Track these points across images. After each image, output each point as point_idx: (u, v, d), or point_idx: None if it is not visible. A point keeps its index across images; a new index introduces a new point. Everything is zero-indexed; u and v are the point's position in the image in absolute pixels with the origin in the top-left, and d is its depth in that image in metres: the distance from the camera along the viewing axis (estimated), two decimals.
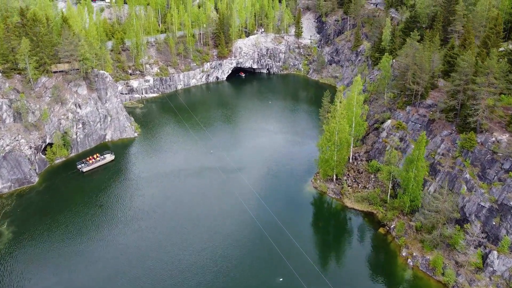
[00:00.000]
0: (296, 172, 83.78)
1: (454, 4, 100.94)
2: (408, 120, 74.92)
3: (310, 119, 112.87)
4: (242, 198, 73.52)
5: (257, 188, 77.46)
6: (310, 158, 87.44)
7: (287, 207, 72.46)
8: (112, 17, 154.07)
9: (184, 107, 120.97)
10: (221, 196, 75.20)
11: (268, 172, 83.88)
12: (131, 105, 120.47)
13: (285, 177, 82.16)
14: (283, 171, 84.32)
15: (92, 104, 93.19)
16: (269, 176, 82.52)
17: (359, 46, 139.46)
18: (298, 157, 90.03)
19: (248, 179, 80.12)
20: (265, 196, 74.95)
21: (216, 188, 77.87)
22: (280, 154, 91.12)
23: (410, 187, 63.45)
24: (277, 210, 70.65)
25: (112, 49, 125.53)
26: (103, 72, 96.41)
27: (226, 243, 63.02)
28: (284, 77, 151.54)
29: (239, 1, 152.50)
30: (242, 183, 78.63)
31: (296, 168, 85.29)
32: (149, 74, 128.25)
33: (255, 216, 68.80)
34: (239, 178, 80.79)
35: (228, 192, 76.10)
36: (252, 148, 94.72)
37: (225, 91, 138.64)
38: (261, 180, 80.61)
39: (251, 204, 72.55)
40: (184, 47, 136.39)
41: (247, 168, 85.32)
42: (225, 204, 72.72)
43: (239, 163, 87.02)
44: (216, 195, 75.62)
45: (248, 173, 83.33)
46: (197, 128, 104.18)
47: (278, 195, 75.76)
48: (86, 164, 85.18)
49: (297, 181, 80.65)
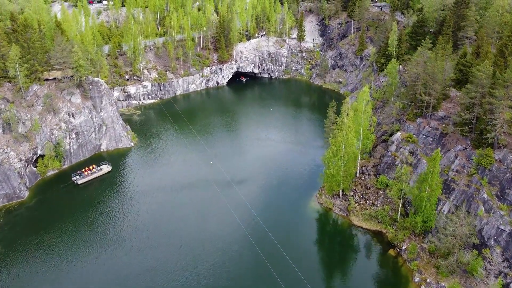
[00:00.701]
0: (300, 186, 79.63)
1: (464, 8, 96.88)
2: (419, 133, 70.74)
3: (314, 128, 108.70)
4: (239, 218, 68.62)
5: (257, 204, 73.23)
6: (314, 170, 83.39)
7: (289, 225, 68.19)
8: (109, 20, 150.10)
9: (183, 114, 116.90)
10: (217, 215, 70.44)
11: (269, 186, 79.72)
12: (128, 112, 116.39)
13: (288, 191, 77.95)
14: (285, 184, 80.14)
15: (86, 113, 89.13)
16: (270, 190, 78.33)
17: (364, 50, 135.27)
18: (301, 169, 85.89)
19: (248, 194, 75.87)
20: (265, 213, 70.65)
21: (213, 205, 73.12)
22: (282, 166, 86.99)
23: (422, 207, 59.30)
24: (277, 229, 66.33)
25: (108, 53, 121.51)
26: (98, 79, 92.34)
27: (216, 273, 57.70)
28: (286, 82, 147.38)
29: (240, 4, 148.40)
30: (240, 199, 74.08)
31: (299, 182, 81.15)
32: (147, 79, 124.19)
33: (255, 240, 64.17)
34: (237, 192, 76.40)
35: (225, 210, 71.15)
36: (252, 159, 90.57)
37: (225, 97, 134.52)
38: (262, 195, 76.37)
39: (248, 223, 67.85)
40: (183, 52, 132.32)
41: (247, 181, 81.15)
42: (221, 224, 67.91)
43: (239, 176, 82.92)
44: (212, 213, 70.73)
45: (248, 187, 79.17)
46: (196, 138, 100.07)
47: (279, 212, 71.46)
48: (81, 176, 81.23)
49: (300, 196, 76.46)
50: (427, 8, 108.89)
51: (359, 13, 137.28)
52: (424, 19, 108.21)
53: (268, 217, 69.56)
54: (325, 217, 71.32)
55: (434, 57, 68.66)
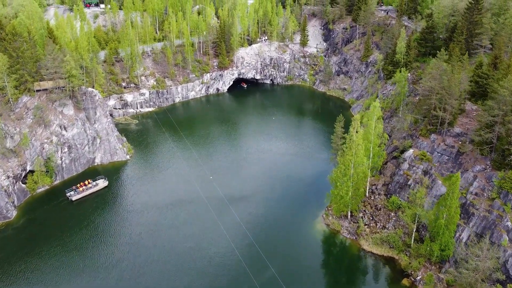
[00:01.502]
0: (304, 204, 74.84)
1: (477, 14, 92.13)
2: (433, 151, 65.98)
3: (319, 139, 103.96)
4: (235, 243, 64.09)
5: (257, 225, 68.50)
6: (320, 186, 78.68)
7: (293, 249, 63.45)
8: (106, 24, 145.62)
9: (182, 123, 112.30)
10: (213, 239, 65.42)
11: (270, 204, 74.86)
12: (125, 121, 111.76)
13: (291, 210, 73.11)
14: (288, 202, 75.36)
15: (79, 125, 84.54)
16: (272, 209, 73.42)
17: (369, 56, 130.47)
18: (306, 185, 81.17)
19: (247, 215, 71.13)
20: (265, 235, 65.98)
21: (209, 228, 68.07)
22: (285, 181, 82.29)
23: (440, 234, 54.58)
24: (278, 255, 61.91)
25: (105, 60, 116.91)
26: (91, 89, 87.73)
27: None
28: (288, 88, 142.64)
29: (241, 7, 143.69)
30: (238, 221, 69.30)
31: (304, 199, 76.37)
32: (145, 87, 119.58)
33: (252, 268, 59.69)
34: (236, 213, 71.73)
35: (221, 233, 66.39)
36: (253, 174, 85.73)
37: (225, 105, 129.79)
38: (262, 215, 71.45)
39: (244, 249, 63.11)
40: (182, 58, 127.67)
41: (247, 199, 76.38)
42: (216, 252, 63.11)
43: (238, 192, 78.31)
44: (208, 238, 65.61)
45: (248, 205, 74.40)
46: (194, 150, 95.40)
47: (281, 234, 66.63)
48: (76, 192, 76.86)
49: (305, 216, 71.68)
50: (437, 13, 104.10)
51: (365, 17, 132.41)
52: (434, 25, 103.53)
53: (268, 240, 65.05)
54: (332, 240, 66.59)
55: (451, 69, 63.87)
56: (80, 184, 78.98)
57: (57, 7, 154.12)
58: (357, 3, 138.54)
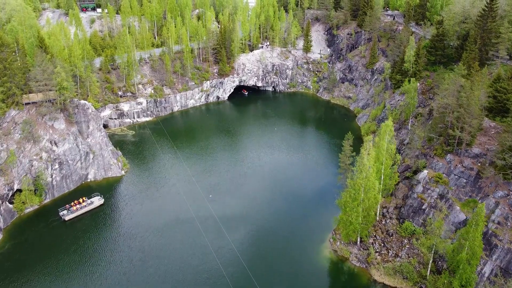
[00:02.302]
0: (309, 226, 69.92)
1: (491, 22, 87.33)
2: (450, 173, 61.18)
3: (324, 152, 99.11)
4: (230, 277, 59.41)
5: (256, 250, 63.76)
6: (326, 205, 74.13)
7: (296, 278, 58.71)
8: (103, 29, 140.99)
9: (180, 134, 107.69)
10: (204, 270, 60.19)
11: (272, 225, 69.95)
12: (121, 132, 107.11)
13: (294, 233, 68.21)
14: (291, 222, 70.49)
15: (71, 140, 79.83)
16: (273, 231, 68.48)
17: (375, 63, 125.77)
18: (311, 203, 76.36)
19: (245, 239, 66.46)
20: (265, 262, 61.23)
21: (202, 254, 63.18)
22: (287, 199, 77.50)
23: (460, 268, 49.81)
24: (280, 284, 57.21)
25: (100, 67, 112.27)
26: (84, 102, 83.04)
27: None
28: (291, 96, 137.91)
29: (243, 12, 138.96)
30: (232, 247, 64.56)
31: (308, 220, 71.50)
32: (142, 95, 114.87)
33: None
34: (234, 234, 67.07)
35: (213, 263, 61.36)
36: (254, 191, 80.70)
37: (226, 114, 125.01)
38: (262, 238, 66.55)
39: (240, 281, 58.13)
40: (181, 65, 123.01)
41: (246, 220, 71.42)
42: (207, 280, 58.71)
43: (238, 212, 73.59)
44: (200, 269, 60.25)
45: (247, 226, 69.54)
46: (192, 164, 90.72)
47: (283, 260, 61.74)
48: (69, 211, 72.30)
49: (310, 240, 66.75)
50: (448, 20, 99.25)
51: (370, 23, 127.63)
52: (444, 32, 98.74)
53: (268, 268, 60.14)
54: (340, 269, 61.75)
55: (469, 86, 59.03)
56: (74, 202, 74.47)
57: (52, 11, 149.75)
58: (362, 8, 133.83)
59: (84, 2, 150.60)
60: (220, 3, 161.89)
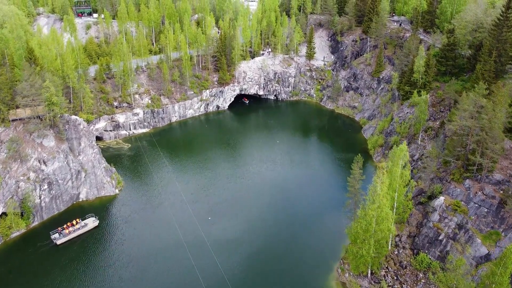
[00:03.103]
0: (314, 253, 64.99)
1: (507, 32, 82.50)
2: (469, 200, 56.35)
3: (329, 167, 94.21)
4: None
5: (256, 281, 59.08)
6: (333, 230, 69.38)
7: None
8: (99, 35, 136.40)
9: (177, 147, 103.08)
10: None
11: (273, 251, 65.11)
12: (116, 145, 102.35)
13: (298, 259, 63.43)
14: (295, 248, 65.67)
15: (61, 158, 75.08)
16: (276, 257, 63.76)
17: (382, 72, 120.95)
18: (316, 227, 71.50)
19: (244, 267, 61.71)
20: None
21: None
22: (291, 221, 72.66)
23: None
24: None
25: (95, 77, 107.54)
26: (75, 117, 78.27)
27: None
28: (293, 105, 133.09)
29: (244, 18, 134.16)
30: (228, 276, 59.98)
31: (313, 246, 66.53)
32: (139, 106, 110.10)
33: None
34: (230, 261, 62.35)
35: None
36: (254, 211, 75.77)
37: (225, 124, 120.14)
38: (261, 267, 61.89)
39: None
40: (180, 73, 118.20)
41: (246, 245, 66.56)
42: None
43: (237, 236, 68.78)
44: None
45: (246, 252, 64.76)
46: (189, 181, 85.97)
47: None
48: (62, 235, 67.75)
49: (315, 268, 61.82)
50: (459, 29, 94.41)
51: (376, 29, 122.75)
52: (456, 41, 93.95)
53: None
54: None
55: (492, 107, 54.13)
56: (67, 224, 69.92)
57: (47, 17, 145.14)
58: (367, 13, 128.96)
59: (80, 7, 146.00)
60: (221, 7, 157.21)
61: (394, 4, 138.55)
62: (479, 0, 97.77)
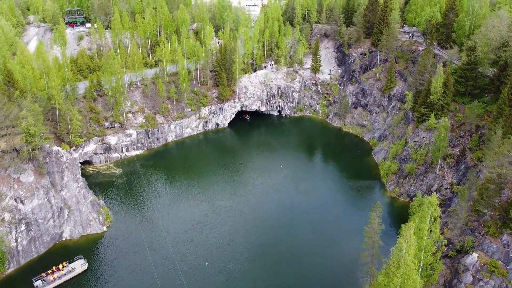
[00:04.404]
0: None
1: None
2: (509, 261, 48.35)
3: (340, 200, 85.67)
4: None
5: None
6: (345, 275, 61.35)
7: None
8: (92, 46, 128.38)
9: (173, 171, 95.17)
10: None
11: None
12: (107, 170, 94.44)
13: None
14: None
15: (41, 195, 67.20)
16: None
17: (393, 88, 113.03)
18: (326, 274, 63.59)
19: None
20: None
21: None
22: (297, 268, 64.74)
23: None
24: None
25: (84, 95, 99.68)
26: (57, 148, 70.43)
27: None
28: (298, 122, 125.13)
29: (245, 29, 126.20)
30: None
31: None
32: (132, 126, 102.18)
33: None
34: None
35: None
36: (255, 258, 67.60)
37: (225, 145, 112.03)
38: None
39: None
40: (176, 90, 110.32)
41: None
42: None
43: (234, 280, 61.01)
44: None
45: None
46: (186, 215, 78.04)
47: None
48: (46, 282, 60.14)
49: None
50: (481, 47, 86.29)
51: (387, 42, 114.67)
52: (477, 60, 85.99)
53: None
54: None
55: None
56: (52, 269, 62.28)
57: (37, 27, 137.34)
58: (377, 25, 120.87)
59: (73, 16, 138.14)
60: (221, 16, 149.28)
61: (404, 15, 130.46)
62: (501, 14, 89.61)
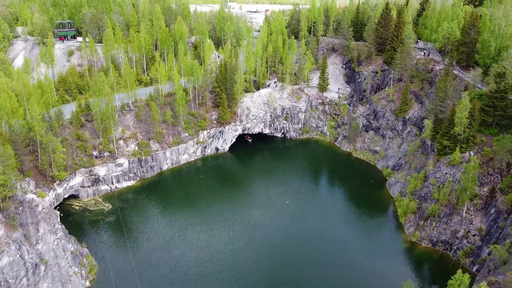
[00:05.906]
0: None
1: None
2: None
3: (355, 246, 76.18)
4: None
5: None
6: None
7: None
8: (83, 63, 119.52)
9: (167, 205, 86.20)
10: None
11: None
12: (95, 206, 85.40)
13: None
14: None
15: (12, 251, 58.11)
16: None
17: (408, 111, 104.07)
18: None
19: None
20: None
21: None
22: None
23: None
24: None
25: (71, 120, 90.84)
26: (32, 196, 61.56)
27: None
28: (304, 145, 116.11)
29: (248, 45, 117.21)
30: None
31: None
32: (123, 154, 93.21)
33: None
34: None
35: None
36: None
37: (225, 173, 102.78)
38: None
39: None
40: (172, 113, 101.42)
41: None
42: None
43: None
44: None
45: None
46: (180, 262, 68.98)
47: None
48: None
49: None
50: (511, 72, 77.29)
51: (401, 61, 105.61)
52: (508, 87, 77.10)
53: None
54: None
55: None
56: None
57: (25, 41, 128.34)
58: (390, 42, 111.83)
59: (63, 30, 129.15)
60: (221, 28, 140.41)
61: (419, 29, 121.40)
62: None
